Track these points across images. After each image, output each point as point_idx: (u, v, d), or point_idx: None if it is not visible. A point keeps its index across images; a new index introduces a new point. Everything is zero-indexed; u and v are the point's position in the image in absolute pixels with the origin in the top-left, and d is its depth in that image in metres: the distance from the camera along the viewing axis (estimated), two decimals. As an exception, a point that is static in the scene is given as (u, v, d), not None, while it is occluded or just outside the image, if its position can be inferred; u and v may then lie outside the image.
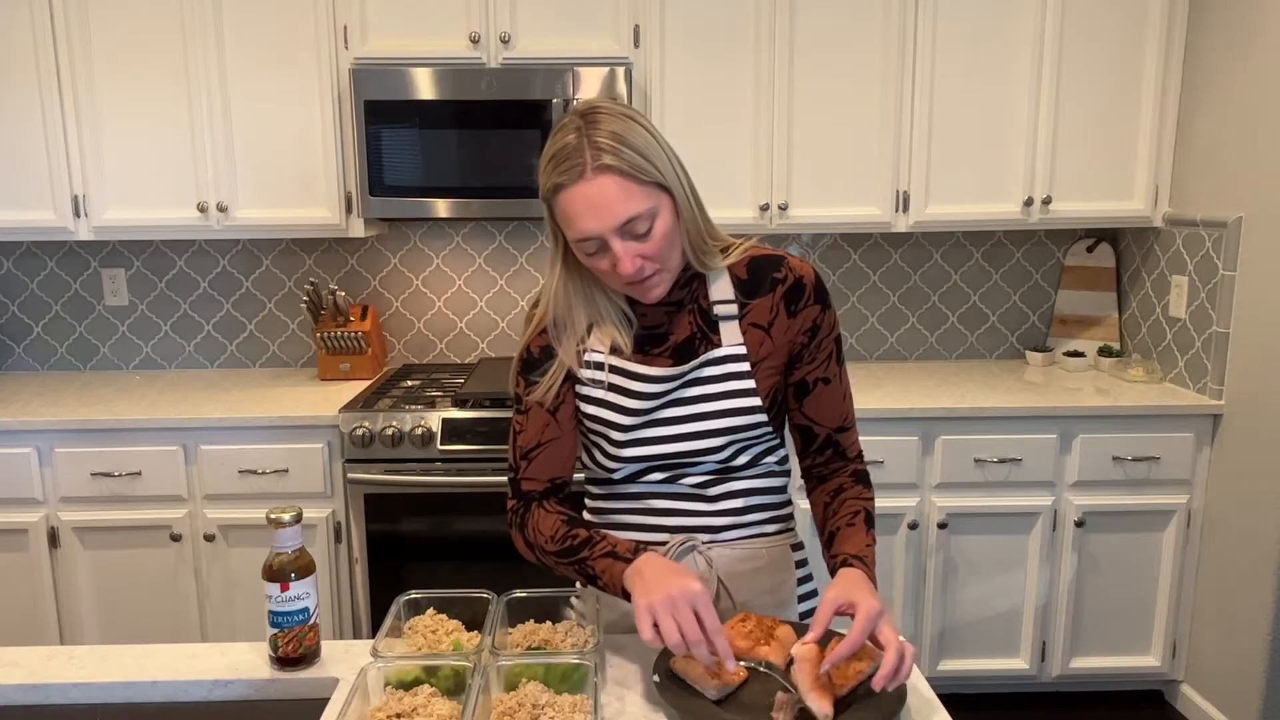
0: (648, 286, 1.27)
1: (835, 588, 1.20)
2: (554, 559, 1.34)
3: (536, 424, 1.37)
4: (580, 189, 1.19)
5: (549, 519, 1.36)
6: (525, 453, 1.38)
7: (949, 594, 2.78)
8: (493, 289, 3.26)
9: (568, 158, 1.20)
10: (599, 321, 1.35)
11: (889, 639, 1.13)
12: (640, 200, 1.20)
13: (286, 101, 2.77)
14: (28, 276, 3.21)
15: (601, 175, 1.19)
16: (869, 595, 1.18)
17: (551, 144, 1.23)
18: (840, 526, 1.33)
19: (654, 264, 1.25)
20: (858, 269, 3.27)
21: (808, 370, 1.37)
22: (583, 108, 1.25)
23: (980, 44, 2.79)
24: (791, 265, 1.36)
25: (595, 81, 2.69)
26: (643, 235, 1.22)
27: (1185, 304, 2.82)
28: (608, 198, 1.19)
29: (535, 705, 1.11)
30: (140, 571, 2.69)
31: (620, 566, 1.25)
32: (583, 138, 1.20)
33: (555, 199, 1.22)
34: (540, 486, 1.39)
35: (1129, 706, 2.89)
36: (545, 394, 1.35)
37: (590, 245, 1.23)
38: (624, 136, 1.20)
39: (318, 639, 1.32)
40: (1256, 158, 2.54)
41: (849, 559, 1.26)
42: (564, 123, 1.24)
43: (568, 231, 1.24)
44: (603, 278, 1.29)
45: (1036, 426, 2.69)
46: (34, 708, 1.25)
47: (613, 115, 1.22)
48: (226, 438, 2.64)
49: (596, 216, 1.19)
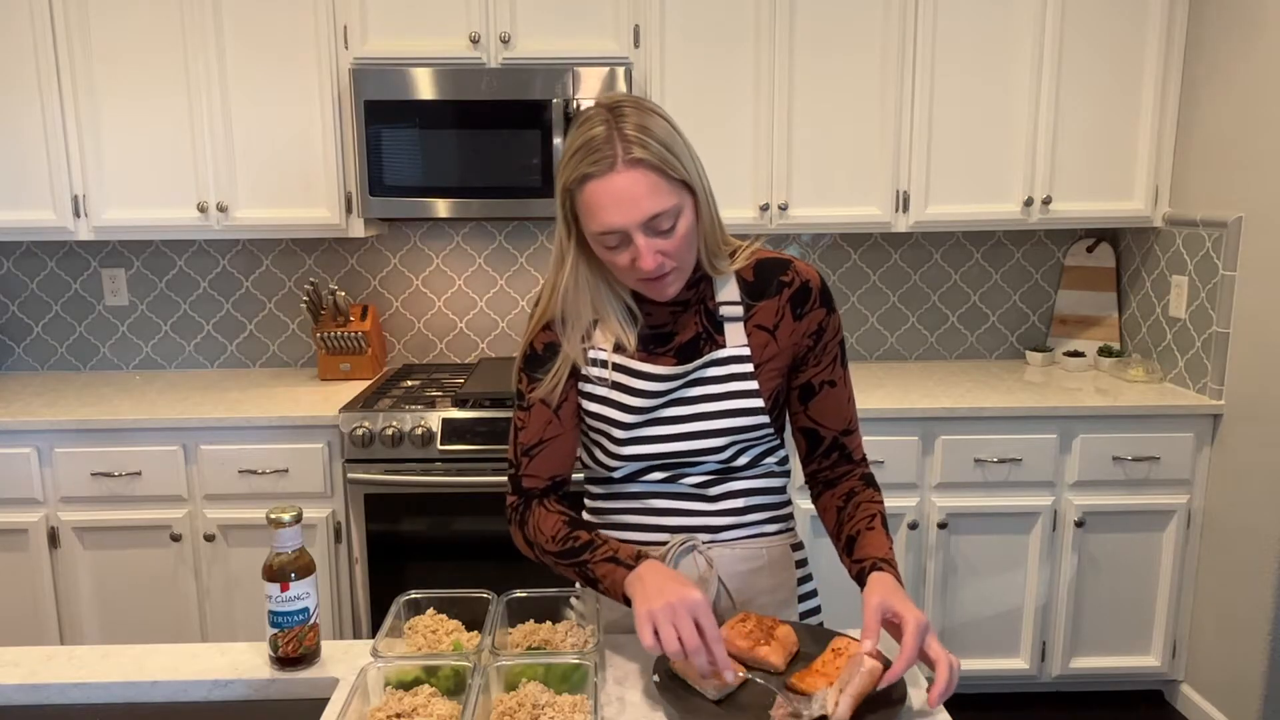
0: (664, 284, 1.27)
1: (876, 594, 1.18)
2: (554, 559, 1.34)
3: (538, 421, 1.37)
4: (610, 181, 1.18)
5: (550, 518, 1.36)
6: (526, 449, 1.38)
7: (949, 594, 2.78)
8: (493, 289, 3.26)
9: (597, 149, 1.19)
10: (605, 318, 1.34)
11: (939, 654, 1.13)
12: (667, 196, 1.20)
13: (286, 101, 2.77)
14: (28, 276, 3.21)
15: (633, 169, 1.18)
16: (912, 605, 1.17)
17: (577, 135, 1.22)
18: (860, 530, 1.32)
19: (672, 261, 1.24)
20: (858, 269, 3.27)
21: (813, 373, 1.37)
22: (608, 101, 1.24)
23: (980, 44, 2.79)
24: (798, 268, 1.36)
25: (595, 81, 2.69)
26: (666, 232, 1.22)
27: (1185, 304, 2.82)
28: (637, 191, 1.18)
29: (535, 705, 1.11)
30: (140, 571, 2.69)
31: (622, 572, 1.25)
32: (612, 130, 1.19)
33: (580, 190, 1.21)
34: (541, 484, 1.39)
35: (1129, 706, 2.89)
36: (548, 391, 1.35)
37: (611, 239, 1.22)
38: (653, 131, 1.20)
39: (318, 639, 1.32)
40: (1256, 158, 2.54)
41: (878, 563, 1.25)
42: (589, 114, 1.23)
43: (590, 224, 1.22)
44: (617, 273, 1.28)
45: (1036, 426, 2.69)
46: (34, 708, 1.25)
47: (641, 110, 1.22)
48: (226, 438, 2.64)
49: (624, 210, 1.18)
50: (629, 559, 1.26)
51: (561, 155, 1.25)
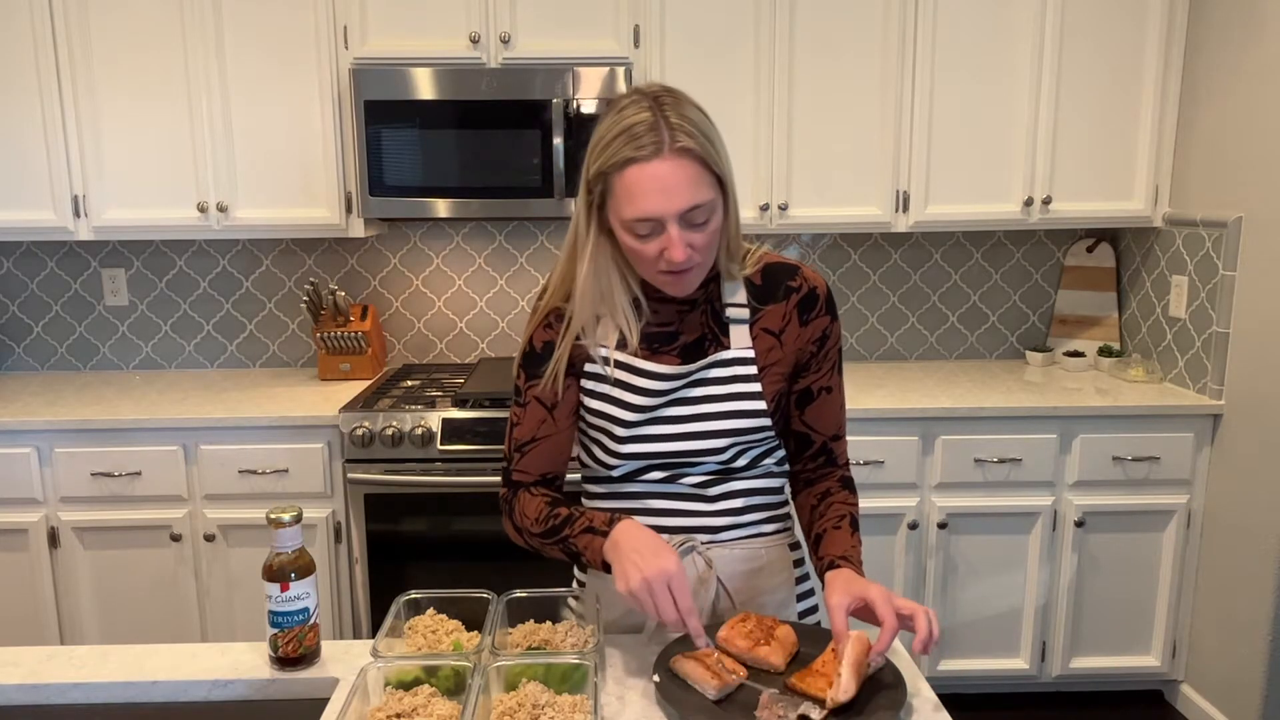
0: (686, 280, 1.26)
1: (834, 593, 1.21)
2: (540, 540, 1.35)
3: (534, 418, 1.38)
4: (655, 166, 1.17)
5: (534, 501, 1.37)
6: (520, 445, 1.39)
7: (949, 594, 2.78)
8: (493, 289, 3.26)
9: (644, 134, 1.17)
10: (612, 310, 1.32)
11: (912, 608, 1.16)
12: (706, 189, 1.20)
13: (287, 101, 2.77)
14: (28, 276, 3.21)
15: (678, 157, 1.17)
16: (868, 583, 1.20)
17: (616, 119, 1.20)
18: (826, 529, 1.35)
19: (699, 256, 1.24)
20: (858, 269, 3.27)
21: (813, 379, 1.38)
22: (649, 89, 1.22)
23: (980, 44, 2.79)
24: (805, 275, 1.37)
25: (595, 81, 2.69)
26: (699, 225, 1.21)
27: (1185, 304, 2.82)
28: (680, 180, 1.17)
29: (535, 705, 1.11)
30: (140, 571, 2.69)
31: (600, 541, 1.26)
32: (658, 117, 1.18)
33: (620, 174, 1.19)
34: (531, 479, 1.40)
35: (1129, 706, 2.89)
36: (545, 389, 1.36)
37: (644, 227, 1.20)
38: (696, 122, 1.19)
39: (318, 639, 1.32)
40: (1256, 158, 2.54)
41: (835, 560, 1.29)
42: (628, 100, 1.21)
43: (625, 210, 1.20)
44: (639, 264, 1.26)
45: (1036, 426, 2.69)
46: (34, 708, 1.25)
47: (681, 100, 1.21)
48: (226, 438, 2.64)
49: (665, 197, 1.17)
50: (603, 525, 1.27)
51: (595, 140, 1.22)
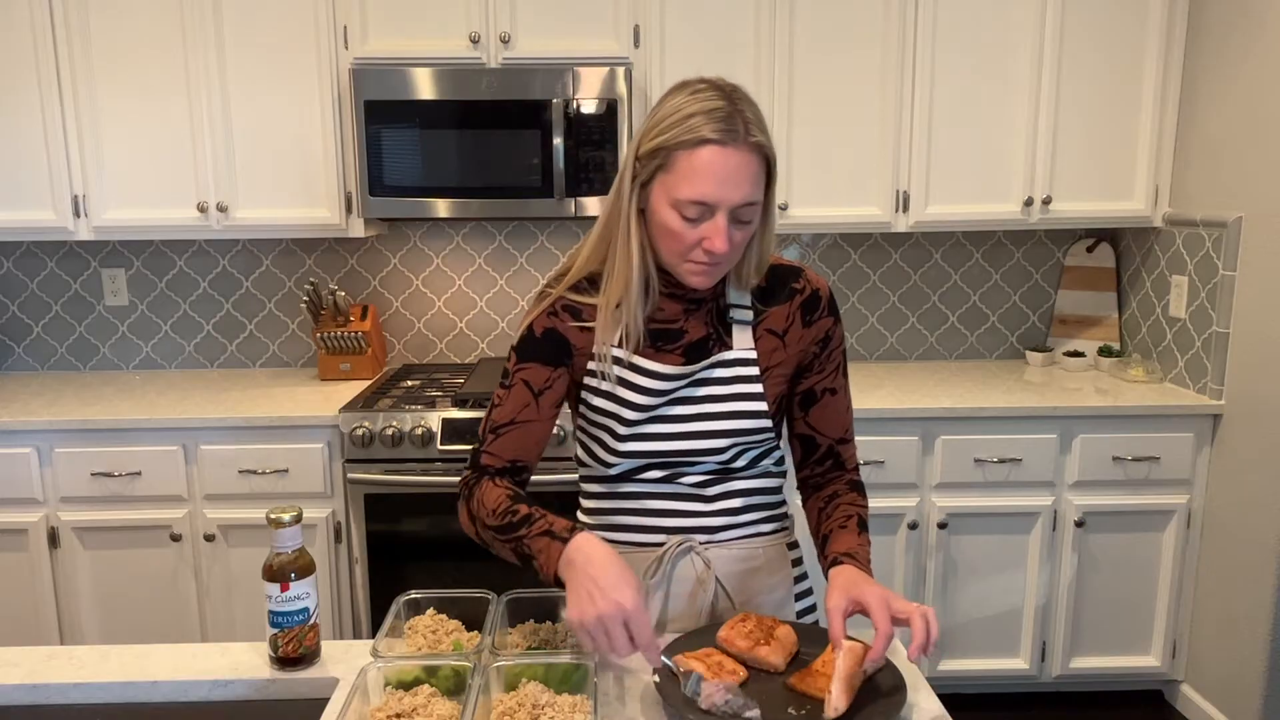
0: (711, 273, 1.26)
1: (833, 594, 1.19)
2: (493, 534, 1.29)
3: (516, 401, 1.35)
4: (729, 152, 1.17)
5: (495, 492, 1.31)
6: (496, 427, 1.36)
7: (949, 594, 2.78)
8: (493, 289, 3.26)
9: (725, 118, 1.17)
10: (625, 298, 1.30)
11: (908, 610, 1.14)
12: (760, 189, 1.21)
13: (286, 101, 2.77)
14: (28, 276, 3.21)
15: (751, 152, 1.18)
16: (867, 585, 1.19)
17: (692, 99, 1.19)
18: (833, 529, 1.34)
19: (735, 253, 1.25)
20: (858, 269, 3.27)
21: (816, 380, 1.38)
22: (719, 81, 1.22)
23: (980, 44, 2.80)
24: (809, 277, 1.38)
25: (595, 81, 2.69)
26: (744, 223, 1.22)
27: (1185, 304, 2.82)
28: (746, 172, 1.18)
29: (535, 705, 1.11)
30: (140, 571, 2.69)
31: (557, 547, 1.20)
32: (734, 107, 1.18)
33: (690, 152, 1.17)
34: (499, 464, 1.36)
35: (1129, 706, 2.89)
36: (535, 374, 1.35)
37: (694, 210, 1.19)
38: (764, 125, 1.21)
39: (318, 639, 1.32)
40: (1256, 158, 2.54)
41: (839, 557, 1.27)
42: (698, 86, 1.21)
43: (684, 188, 1.18)
44: (671, 246, 1.24)
45: (1036, 426, 2.69)
46: (34, 708, 1.25)
47: (751, 100, 1.22)
48: (226, 438, 2.64)
49: (729, 185, 1.17)
50: (564, 531, 1.22)
51: (661, 115, 1.21)
